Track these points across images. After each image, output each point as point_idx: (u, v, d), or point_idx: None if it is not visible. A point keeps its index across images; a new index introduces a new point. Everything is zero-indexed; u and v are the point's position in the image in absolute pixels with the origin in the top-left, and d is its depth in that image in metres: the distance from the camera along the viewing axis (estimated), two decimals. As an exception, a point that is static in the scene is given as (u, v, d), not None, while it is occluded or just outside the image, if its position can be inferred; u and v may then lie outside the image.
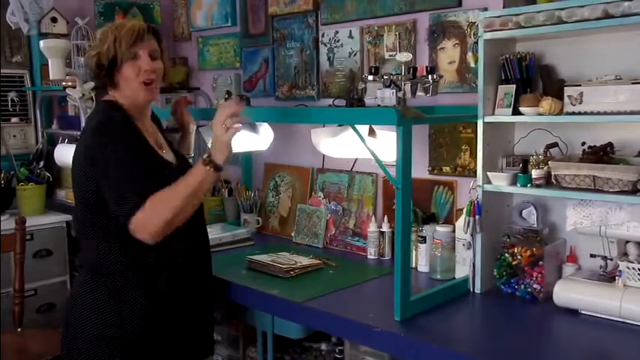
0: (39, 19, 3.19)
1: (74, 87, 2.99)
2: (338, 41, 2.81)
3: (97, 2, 3.33)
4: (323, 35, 2.87)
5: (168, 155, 1.91)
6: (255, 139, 2.95)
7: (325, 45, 2.87)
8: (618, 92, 1.80)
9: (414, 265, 2.37)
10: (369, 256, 2.59)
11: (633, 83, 1.79)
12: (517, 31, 1.95)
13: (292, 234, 2.92)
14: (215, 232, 2.85)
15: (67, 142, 3.22)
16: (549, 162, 1.97)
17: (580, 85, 1.89)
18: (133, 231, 1.68)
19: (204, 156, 1.77)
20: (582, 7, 1.79)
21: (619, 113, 1.80)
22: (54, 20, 3.21)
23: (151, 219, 1.66)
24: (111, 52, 1.78)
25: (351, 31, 2.75)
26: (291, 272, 2.32)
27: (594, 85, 1.87)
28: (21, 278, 2.67)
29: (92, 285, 1.79)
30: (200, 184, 1.75)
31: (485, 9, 2.25)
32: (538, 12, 1.88)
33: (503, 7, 2.08)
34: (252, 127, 2.93)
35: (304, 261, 2.44)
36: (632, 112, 1.77)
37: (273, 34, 3.09)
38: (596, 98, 1.84)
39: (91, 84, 3.05)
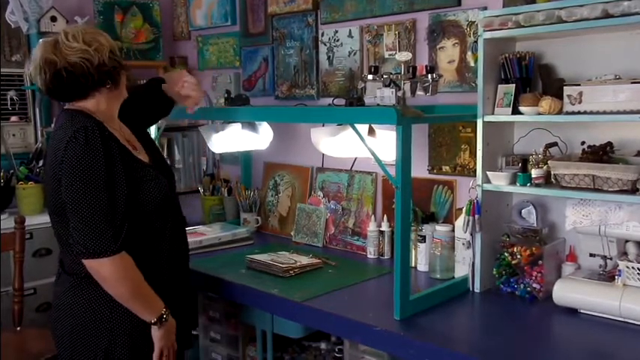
0: (38, 18, 3.19)
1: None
2: (337, 40, 2.81)
3: (97, 1, 3.32)
4: (322, 34, 2.87)
5: (141, 155, 1.87)
6: (254, 139, 2.95)
7: (325, 44, 2.87)
8: (618, 92, 1.80)
9: (413, 265, 2.37)
10: (368, 256, 2.59)
11: (633, 82, 1.79)
12: (516, 30, 1.95)
13: (292, 233, 2.92)
14: (214, 232, 2.86)
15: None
16: (549, 161, 1.97)
17: (579, 85, 1.89)
18: (90, 269, 1.66)
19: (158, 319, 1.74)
20: (581, 6, 1.79)
21: (618, 113, 1.80)
22: (53, 19, 3.21)
23: (114, 277, 1.66)
24: (117, 56, 1.78)
25: (350, 30, 2.75)
26: (291, 271, 2.32)
27: (594, 84, 1.87)
28: (20, 277, 2.67)
29: (78, 290, 1.75)
30: (146, 312, 1.74)
31: (485, 8, 2.25)
32: (537, 11, 1.88)
33: (503, 7, 2.09)
34: (252, 127, 2.93)
35: (304, 260, 2.44)
36: (632, 112, 1.77)
37: (273, 33, 3.09)
38: (595, 98, 1.84)
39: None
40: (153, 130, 2.90)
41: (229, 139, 2.90)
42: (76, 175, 1.63)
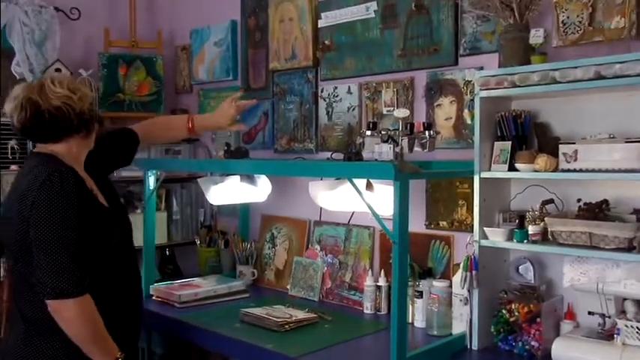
0: (43, 70, 3.25)
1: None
2: (337, 96, 2.86)
3: (101, 55, 3.40)
4: (322, 90, 2.93)
5: (102, 201, 1.90)
6: (253, 191, 2.97)
7: (324, 100, 2.92)
8: (612, 150, 1.83)
9: (410, 321, 2.34)
10: (365, 311, 2.56)
11: (627, 142, 1.82)
12: (512, 90, 2.00)
13: (288, 287, 2.90)
14: (210, 284, 2.84)
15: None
16: (545, 218, 1.98)
17: (574, 143, 1.92)
18: (53, 310, 1.67)
19: None
20: (575, 68, 1.84)
21: (613, 171, 1.82)
22: (58, 71, 3.26)
23: (78, 319, 1.68)
24: (96, 108, 1.89)
25: (349, 87, 2.80)
26: (286, 326, 2.29)
27: (588, 143, 1.90)
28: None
29: (33, 337, 1.74)
30: (103, 356, 1.75)
31: (481, 68, 2.31)
32: (532, 72, 1.93)
33: (499, 67, 2.14)
34: (250, 179, 2.95)
35: (299, 315, 2.41)
36: (626, 170, 1.79)
37: (274, 88, 3.15)
38: (590, 156, 1.87)
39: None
40: (152, 181, 2.92)
41: (228, 192, 2.92)
42: (49, 217, 1.66)
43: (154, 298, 2.79)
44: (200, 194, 3.22)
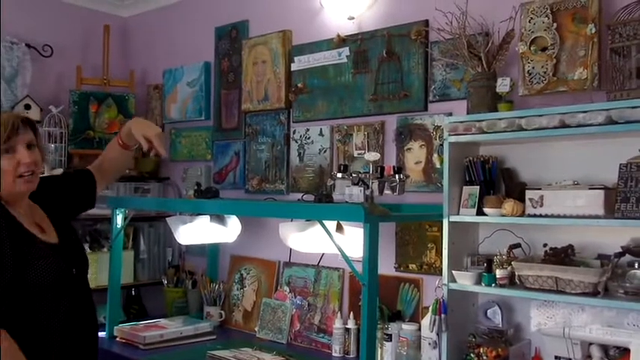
0: (12, 106, 3.22)
1: (43, 173, 2.97)
2: (309, 138, 2.89)
3: (73, 92, 3.38)
4: (294, 132, 2.95)
5: (49, 236, 1.82)
6: (222, 231, 2.95)
7: (296, 141, 2.94)
8: (576, 197, 1.88)
9: (379, 365, 2.33)
10: (333, 354, 2.54)
11: (590, 189, 1.87)
12: (480, 135, 2.04)
13: (256, 329, 2.86)
14: (176, 325, 2.79)
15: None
16: (513, 262, 2.00)
17: (540, 189, 1.97)
18: None
19: None
20: (540, 116, 1.89)
21: (577, 217, 1.86)
22: (27, 107, 3.24)
23: None
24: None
25: (321, 129, 2.83)
26: (254, 369, 2.26)
27: (554, 189, 1.95)
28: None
29: None
30: None
31: (450, 114, 2.36)
32: (499, 119, 1.98)
33: (467, 113, 2.19)
34: (220, 219, 2.93)
35: (267, 358, 2.39)
36: (590, 216, 1.84)
37: (246, 129, 3.17)
38: (555, 202, 1.91)
39: (60, 170, 3.04)
40: (119, 219, 2.88)
41: (197, 231, 2.89)
42: None
43: (117, 339, 2.72)
44: (168, 233, 3.19)
